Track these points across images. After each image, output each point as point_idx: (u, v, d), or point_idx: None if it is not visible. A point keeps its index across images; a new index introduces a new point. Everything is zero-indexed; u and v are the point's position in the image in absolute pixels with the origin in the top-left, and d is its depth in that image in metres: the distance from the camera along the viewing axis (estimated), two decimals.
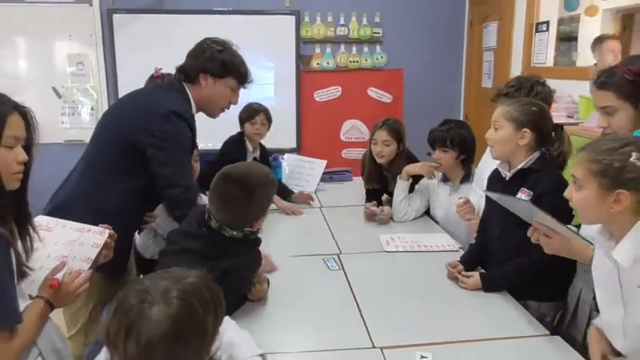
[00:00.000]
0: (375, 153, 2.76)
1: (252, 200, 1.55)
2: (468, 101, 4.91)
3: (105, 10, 4.51)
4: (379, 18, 4.78)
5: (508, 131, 1.77)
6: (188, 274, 1.04)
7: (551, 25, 3.67)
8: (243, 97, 4.06)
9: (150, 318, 0.94)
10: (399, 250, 2.19)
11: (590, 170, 1.20)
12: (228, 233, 1.57)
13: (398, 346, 1.47)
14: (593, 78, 2.01)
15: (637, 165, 1.13)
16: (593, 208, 1.22)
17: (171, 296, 0.97)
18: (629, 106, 1.46)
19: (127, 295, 0.99)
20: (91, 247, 1.44)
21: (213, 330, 1.03)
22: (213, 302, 1.02)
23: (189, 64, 2.02)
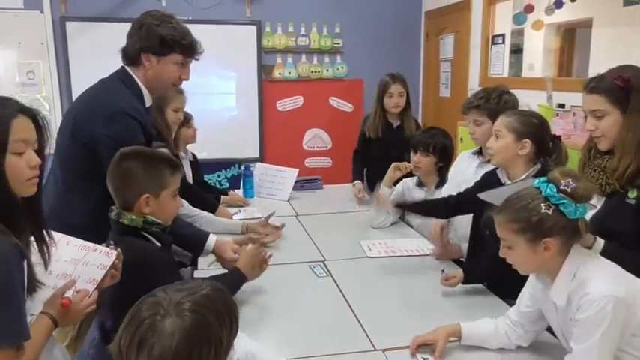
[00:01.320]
0: (392, 105, 3.14)
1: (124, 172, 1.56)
2: (426, 110, 5.07)
3: (57, 17, 4.34)
4: (339, 29, 4.87)
5: (509, 141, 1.84)
6: (203, 286, 1.02)
7: (506, 38, 3.87)
8: (202, 106, 3.94)
9: (162, 331, 0.91)
10: (381, 255, 2.23)
11: (513, 230, 1.30)
12: (126, 220, 1.55)
13: (399, 348, 1.50)
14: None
15: (549, 214, 1.25)
16: (528, 261, 1.33)
17: (185, 308, 0.94)
18: (618, 110, 1.56)
19: (140, 308, 0.96)
20: (97, 267, 1.36)
21: (228, 343, 1.00)
22: (228, 315, 1.00)
23: (128, 45, 1.92)
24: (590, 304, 1.21)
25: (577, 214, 1.26)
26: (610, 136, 1.60)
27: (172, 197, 1.64)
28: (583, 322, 1.23)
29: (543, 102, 3.26)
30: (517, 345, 1.48)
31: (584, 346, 1.22)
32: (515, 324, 1.48)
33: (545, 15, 3.89)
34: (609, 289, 1.21)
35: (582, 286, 1.25)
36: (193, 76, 5.17)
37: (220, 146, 4.77)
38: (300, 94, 4.94)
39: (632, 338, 1.25)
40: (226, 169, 4.92)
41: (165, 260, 1.58)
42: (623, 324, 1.23)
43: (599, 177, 1.63)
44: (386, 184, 2.65)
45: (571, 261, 1.30)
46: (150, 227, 1.59)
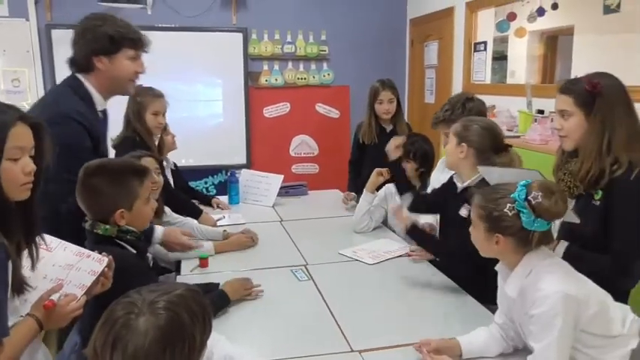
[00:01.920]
0: (382, 112, 3.17)
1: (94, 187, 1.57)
2: (411, 116, 5.11)
3: (43, 25, 4.35)
4: (325, 36, 4.92)
5: (452, 145, 1.93)
6: (176, 286, 1.04)
7: (488, 45, 3.93)
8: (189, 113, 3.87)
9: (136, 329, 0.93)
10: (379, 260, 2.24)
11: (478, 214, 1.39)
12: (100, 230, 1.56)
13: (376, 349, 1.53)
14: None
15: (509, 215, 1.32)
16: (483, 245, 1.41)
17: (158, 307, 0.96)
18: (582, 114, 1.62)
19: (114, 309, 0.98)
20: (87, 273, 1.38)
21: (201, 342, 1.02)
22: (201, 314, 1.01)
23: (76, 52, 1.88)
24: (544, 301, 1.26)
25: (533, 226, 1.30)
26: (573, 137, 1.66)
27: (145, 204, 1.66)
28: (538, 318, 1.28)
29: (524, 108, 3.31)
30: (514, 347, 1.49)
31: (543, 344, 1.27)
32: (503, 326, 1.49)
33: (527, 22, 3.95)
34: (560, 286, 1.27)
35: (535, 283, 1.30)
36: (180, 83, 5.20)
37: (207, 153, 4.79)
38: (287, 100, 4.97)
39: (582, 334, 1.31)
40: (213, 176, 4.93)
41: (141, 266, 1.59)
42: (576, 320, 1.28)
43: (567, 180, 1.69)
44: (369, 189, 2.68)
45: (528, 259, 1.35)
46: (124, 235, 1.61)
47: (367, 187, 2.69)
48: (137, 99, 2.70)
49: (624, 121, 1.59)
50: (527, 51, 5.05)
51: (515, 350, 1.49)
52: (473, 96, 2.37)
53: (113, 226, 1.58)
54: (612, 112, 1.59)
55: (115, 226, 1.58)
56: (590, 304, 1.30)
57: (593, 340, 1.33)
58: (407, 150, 2.60)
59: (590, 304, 1.30)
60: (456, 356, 1.45)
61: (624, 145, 1.57)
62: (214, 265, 2.21)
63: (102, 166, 1.62)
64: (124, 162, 1.79)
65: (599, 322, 1.32)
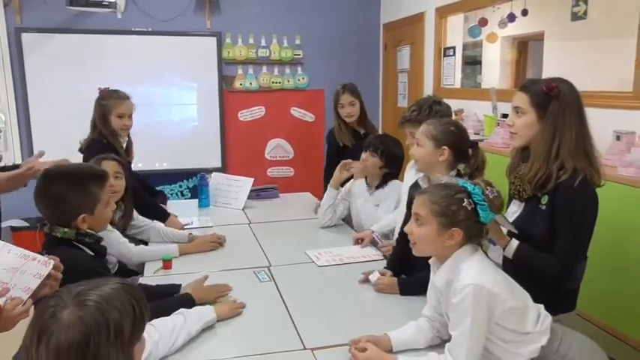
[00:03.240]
0: (345, 115, 3.19)
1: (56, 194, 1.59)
2: (385, 120, 5.18)
3: (13, 29, 4.31)
4: (300, 40, 4.95)
5: (429, 148, 1.93)
6: (108, 280, 1.05)
7: (457, 50, 4.00)
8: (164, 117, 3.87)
9: (60, 321, 0.94)
10: (330, 264, 2.26)
11: (432, 210, 1.43)
12: (59, 233, 1.59)
13: (327, 347, 1.56)
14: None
15: (467, 209, 1.40)
16: (430, 242, 1.45)
17: (86, 299, 0.97)
18: (535, 114, 1.66)
19: (43, 302, 1.00)
20: (33, 276, 1.37)
21: (132, 334, 1.01)
22: (132, 306, 1.01)
23: None
24: (461, 290, 1.34)
25: (487, 219, 1.40)
26: (522, 135, 1.70)
27: (105, 207, 1.68)
28: (455, 307, 1.36)
29: (490, 112, 3.38)
30: (440, 338, 1.56)
31: (458, 331, 1.35)
32: (431, 318, 1.57)
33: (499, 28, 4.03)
34: (473, 278, 1.35)
35: (458, 275, 1.38)
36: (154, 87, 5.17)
37: (182, 156, 4.79)
38: (262, 104, 4.99)
39: (496, 327, 1.38)
40: (188, 179, 4.93)
41: (96, 267, 1.60)
42: (489, 311, 1.35)
43: (517, 184, 1.73)
44: (333, 185, 2.73)
45: (459, 254, 1.43)
46: (83, 238, 1.63)
47: (331, 182, 2.74)
48: (102, 102, 2.71)
49: (575, 128, 1.63)
50: (500, 56, 5.16)
51: (443, 341, 1.55)
52: (440, 100, 2.41)
53: (72, 229, 1.60)
54: (564, 117, 1.63)
55: (74, 229, 1.60)
56: (505, 299, 1.36)
57: (506, 334, 1.39)
58: (375, 145, 2.61)
59: (506, 299, 1.36)
60: (387, 349, 1.51)
61: (572, 151, 1.61)
62: (178, 266, 2.22)
63: (62, 173, 1.64)
64: (83, 167, 1.81)
65: (514, 318, 1.39)
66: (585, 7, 4.12)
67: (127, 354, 1.01)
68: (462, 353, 1.33)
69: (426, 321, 1.58)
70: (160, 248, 2.35)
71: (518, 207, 1.77)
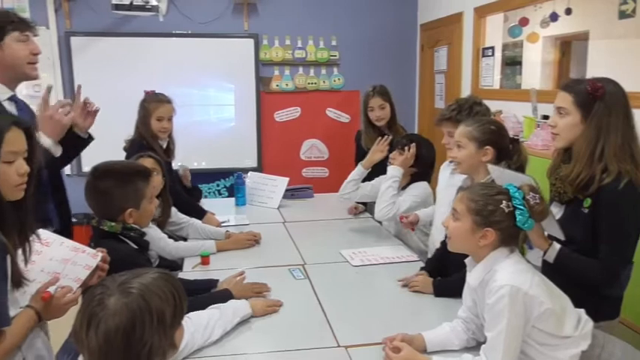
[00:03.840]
0: (374, 119, 3.11)
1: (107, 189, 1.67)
2: (421, 121, 5.14)
3: (62, 33, 4.51)
4: (335, 42, 4.97)
5: (471, 149, 1.90)
6: (149, 270, 1.12)
7: (496, 50, 3.93)
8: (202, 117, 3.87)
9: (107, 307, 1.00)
10: (364, 264, 2.27)
11: (469, 207, 1.43)
12: (106, 226, 1.66)
13: (361, 345, 1.57)
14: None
15: (504, 211, 1.39)
16: (463, 238, 1.45)
17: (130, 287, 1.03)
18: (579, 114, 1.61)
19: (90, 291, 1.07)
20: (82, 267, 1.47)
21: (173, 320, 1.07)
22: (171, 293, 1.07)
23: None
24: (497, 291, 1.33)
25: (524, 225, 1.38)
26: (565, 136, 1.66)
27: (150, 202, 1.76)
28: (490, 308, 1.34)
29: (529, 114, 3.31)
30: (475, 340, 1.55)
31: (494, 333, 1.34)
32: (466, 320, 1.56)
33: (540, 28, 3.95)
34: (509, 279, 1.34)
35: (494, 275, 1.37)
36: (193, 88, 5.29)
37: (219, 156, 4.89)
38: (298, 105, 5.04)
39: (533, 330, 1.36)
40: (225, 179, 5.02)
41: (141, 260, 1.67)
42: (526, 313, 1.33)
43: (558, 186, 1.70)
44: (364, 165, 2.75)
45: (494, 255, 1.42)
46: (128, 232, 1.71)
47: (364, 161, 2.76)
48: (144, 104, 2.80)
49: (621, 129, 1.59)
50: (542, 56, 5.04)
51: (478, 343, 1.53)
52: (481, 101, 2.37)
53: (119, 223, 1.68)
54: (609, 118, 1.58)
55: (121, 224, 1.68)
56: (542, 302, 1.34)
57: (544, 337, 1.37)
58: (404, 143, 2.60)
59: (543, 301, 1.34)
60: (421, 349, 1.51)
61: (616, 153, 1.57)
62: (215, 262, 2.27)
63: (110, 170, 1.73)
64: (130, 165, 1.90)
65: (552, 321, 1.36)
66: (634, 5, 3.98)
67: (169, 338, 1.07)
68: (498, 355, 1.32)
69: (461, 322, 1.58)
70: (198, 244, 2.41)
71: (558, 209, 1.73)
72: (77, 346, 1.07)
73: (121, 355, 1.02)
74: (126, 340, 1.01)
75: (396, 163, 2.60)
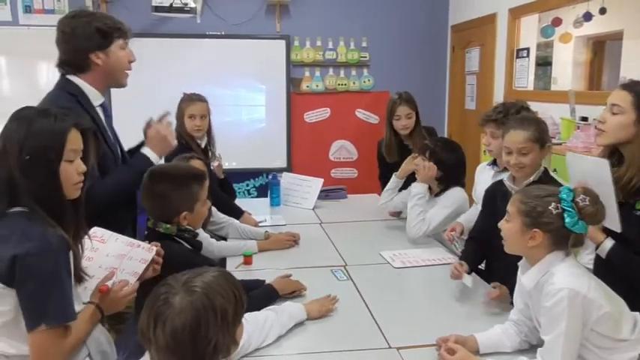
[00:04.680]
0: (400, 127, 3.03)
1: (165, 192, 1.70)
2: (451, 122, 5.12)
3: None
4: (366, 43, 4.98)
5: (536, 151, 1.87)
6: (209, 269, 1.16)
7: (531, 52, 3.90)
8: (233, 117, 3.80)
9: (174, 305, 1.04)
10: (406, 266, 2.28)
11: (519, 208, 1.44)
12: (162, 228, 1.70)
13: (413, 347, 1.58)
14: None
15: (553, 213, 1.39)
16: (515, 239, 1.47)
17: (193, 285, 1.07)
18: (635, 115, 1.60)
19: (155, 291, 1.10)
20: (139, 262, 1.52)
21: (235, 317, 1.11)
22: (232, 291, 1.11)
23: (69, 53, 1.87)
24: (555, 294, 1.34)
25: (574, 227, 1.38)
26: (612, 134, 1.65)
27: (203, 205, 1.81)
28: (547, 311, 1.35)
29: (566, 115, 3.28)
30: (528, 342, 1.55)
31: (552, 336, 1.34)
32: (518, 322, 1.57)
33: (573, 28, 3.90)
34: (568, 282, 1.34)
35: (550, 278, 1.38)
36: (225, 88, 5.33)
37: (250, 156, 4.93)
38: (327, 106, 5.06)
39: (591, 333, 1.36)
40: (255, 179, 5.07)
41: (198, 259, 1.71)
42: (584, 316, 1.33)
43: None
44: (399, 175, 2.77)
45: (551, 258, 1.43)
46: (183, 234, 1.75)
47: (398, 173, 2.79)
48: (179, 104, 2.86)
49: None
50: (573, 57, 4.98)
51: (531, 346, 1.54)
52: (529, 107, 2.34)
53: (174, 225, 1.72)
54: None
55: (175, 225, 1.72)
56: (601, 305, 1.35)
57: (601, 340, 1.37)
58: (425, 149, 2.59)
59: (601, 305, 1.35)
60: (473, 351, 1.52)
61: None
62: (258, 262, 2.31)
63: (166, 173, 1.78)
64: (186, 168, 1.94)
65: (609, 324, 1.36)
66: None
67: (231, 335, 1.11)
68: (557, 358, 1.32)
69: (513, 325, 1.58)
70: (240, 244, 2.45)
71: None
72: (144, 344, 1.11)
73: (189, 352, 1.05)
74: (192, 338, 1.04)
75: (418, 178, 2.61)
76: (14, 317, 1.25)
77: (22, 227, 1.25)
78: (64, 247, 1.27)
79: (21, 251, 1.20)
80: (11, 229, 1.25)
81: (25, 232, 1.24)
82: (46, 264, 1.23)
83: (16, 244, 1.21)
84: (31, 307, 1.23)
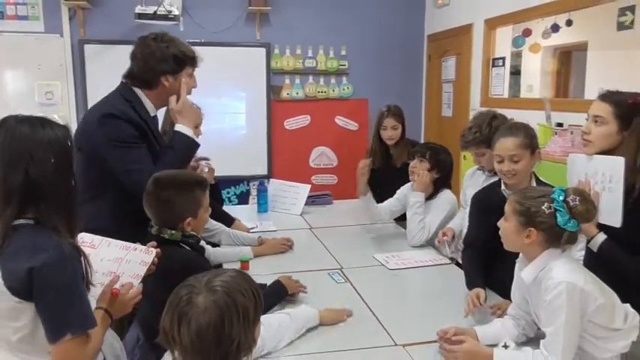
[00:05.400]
0: (386, 137, 3.20)
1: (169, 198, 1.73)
2: (429, 129, 5.25)
3: (76, 40, 4.54)
4: (345, 51, 5.07)
5: (527, 157, 1.94)
6: (227, 270, 1.20)
7: (506, 61, 4.06)
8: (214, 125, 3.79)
9: (197, 305, 1.07)
10: (400, 267, 2.34)
11: (515, 208, 1.54)
12: (167, 235, 1.72)
13: (419, 343, 1.64)
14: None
15: (546, 212, 1.48)
16: (512, 238, 1.56)
17: (214, 285, 1.10)
18: (617, 125, 1.73)
19: (177, 292, 1.13)
20: (138, 264, 1.51)
21: (255, 314, 1.15)
22: (251, 290, 1.14)
23: (142, 70, 2.01)
24: (554, 288, 1.43)
25: (566, 225, 1.47)
26: (598, 144, 1.77)
27: (205, 211, 1.83)
28: (548, 304, 1.44)
29: (542, 121, 3.42)
30: (526, 336, 1.64)
31: (552, 328, 1.43)
32: (516, 317, 1.65)
33: (542, 38, 4.08)
34: (566, 276, 1.43)
35: (548, 273, 1.47)
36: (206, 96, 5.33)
37: (230, 163, 4.90)
38: (307, 113, 5.12)
39: (589, 324, 1.46)
40: (235, 186, 5.07)
41: (205, 263, 1.73)
42: (582, 308, 1.43)
43: None
44: (362, 192, 2.76)
45: (547, 255, 1.52)
46: (187, 239, 1.77)
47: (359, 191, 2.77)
48: None
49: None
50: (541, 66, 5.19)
51: (529, 339, 1.63)
52: (495, 113, 2.44)
53: (178, 231, 1.73)
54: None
55: (180, 231, 1.73)
56: (597, 297, 1.45)
57: (598, 330, 1.47)
58: (423, 151, 2.67)
59: (597, 297, 1.45)
60: None
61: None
62: (255, 268, 2.32)
63: (172, 180, 1.78)
64: (190, 175, 1.96)
65: (604, 315, 1.46)
66: (632, 17, 4.14)
67: (252, 333, 1.14)
68: (559, 349, 1.40)
69: (511, 319, 1.66)
70: (235, 250, 2.47)
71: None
72: (167, 346, 1.13)
73: (213, 351, 1.08)
74: (216, 336, 1.07)
75: (415, 187, 2.69)
76: (30, 332, 1.24)
77: (31, 240, 1.23)
78: (76, 255, 1.27)
79: (36, 263, 1.19)
80: (19, 244, 1.23)
81: (37, 243, 1.22)
82: (63, 273, 1.22)
83: (30, 257, 1.20)
84: (54, 318, 1.22)
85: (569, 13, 3.61)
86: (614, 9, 4.03)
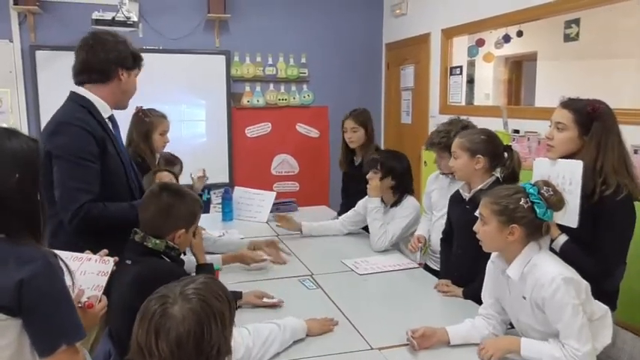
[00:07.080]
0: (347, 139, 3.23)
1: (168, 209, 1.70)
2: (388, 136, 5.35)
3: (27, 46, 4.36)
4: (305, 59, 5.11)
5: (465, 159, 2.09)
6: (196, 277, 1.19)
7: (463, 69, 4.20)
8: (174, 133, 3.79)
9: (174, 316, 1.06)
10: (369, 272, 2.37)
11: (492, 210, 1.58)
12: (150, 243, 1.68)
13: (394, 346, 1.66)
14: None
15: (524, 207, 1.54)
16: (494, 239, 1.61)
17: (189, 294, 1.09)
18: (577, 131, 1.82)
19: (149, 304, 1.10)
20: (97, 275, 1.45)
21: (230, 318, 1.15)
22: (224, 294, 1.15)
23: (98, 60, 1.92)
24: (550, 284, 1.48)
25: (544, 215, 1.55)
26: (560, 149, 1.87)
27: (195, 229, 1.82)
28: (549, 300, 1.49)
29: (499, 128, 3.55)
30: (494, 334, 1.69)
31: (564, 322, 1.48)
32: (487, 316, 1.71)
33: (495, 48, 4.24)
34: (558, 270, 1.51)
35: (535, 268, 1.54)
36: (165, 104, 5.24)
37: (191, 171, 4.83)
38: (268, 120, 5.12)
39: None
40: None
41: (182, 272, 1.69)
42: (579, 297, 1.49)
43: None
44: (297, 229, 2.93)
45: (529, 250, 1.58)
46: (169, 252, 1.72)
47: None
48: (146, 119, 2.79)
49: (617, 146, 1.80)
50: (494, 75, 5.40)
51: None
52: (468, 124, 2.54)
53: (162, 241, 1.69)
54: (607, 137, 1.79)
55: (164, 242, 1.69)
56: (587, 286, 1.53)
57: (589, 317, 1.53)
58: (372, 163, 2.70)
59: (583, 287, 1.53)
60: (444, 342, 1.65)
61: (615, 168, 1.77)
62: (223, 277, 2.28)
63: (178, 188, 1.78)
64: (192, 192, 1.91)
65: (588, 305, 1.54)
66: (577, 29, 4.39)
67: (229, 336, 1.14)
68: (581, 337, 1.45)
69: (482, 319, 1.71)
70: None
71: None
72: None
73: (194, 359, 1.07)
74: (196, 344, 1.06)
75: (369, 194, 2.74)
76: (17, 349, 1.18)
77: (12, 253, 1.17)
78: (59, 264, 1.23)
79: (25, 275, 1.13)
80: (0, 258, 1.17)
81: (20, 255, 1.17)
82: (54, 283, 1.18)
83: (16, 270, 1.14)
84: (49, 328, 1.17)
85: (519, 24, 3.78)
86: (560, 21, 4.26)
